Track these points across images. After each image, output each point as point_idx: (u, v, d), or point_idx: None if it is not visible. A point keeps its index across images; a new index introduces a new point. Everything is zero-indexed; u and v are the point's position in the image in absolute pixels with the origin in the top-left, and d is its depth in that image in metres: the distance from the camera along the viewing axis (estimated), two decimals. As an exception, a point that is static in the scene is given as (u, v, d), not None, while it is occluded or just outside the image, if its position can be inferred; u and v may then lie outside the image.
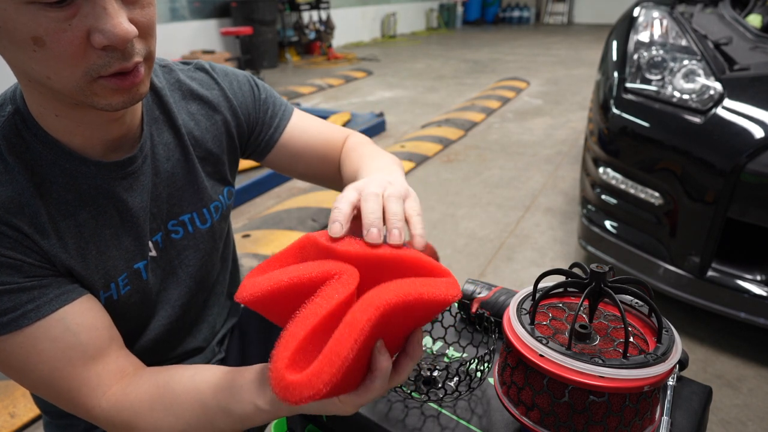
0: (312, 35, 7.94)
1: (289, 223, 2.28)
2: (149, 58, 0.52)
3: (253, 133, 0.77)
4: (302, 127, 0.79)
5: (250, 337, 0.89)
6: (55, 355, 0.52)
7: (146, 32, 0.50)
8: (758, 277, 1.35)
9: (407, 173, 2.98)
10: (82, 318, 0.54)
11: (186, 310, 0.73)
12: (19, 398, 1.41)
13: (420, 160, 3.16)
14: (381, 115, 3.93)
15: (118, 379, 0.55)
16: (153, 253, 0.65)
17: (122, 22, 0.45)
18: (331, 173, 0.82)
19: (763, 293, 1.32)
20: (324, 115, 3.93)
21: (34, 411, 1.37)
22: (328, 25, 7.99)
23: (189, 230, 0.69)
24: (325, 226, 0.50)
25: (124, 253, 0.62)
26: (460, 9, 12.41)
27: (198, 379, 0.54)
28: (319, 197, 2.57)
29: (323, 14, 8.02)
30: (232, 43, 6.85)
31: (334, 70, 6.66)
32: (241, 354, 0.88)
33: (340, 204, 0.50)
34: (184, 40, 6.51)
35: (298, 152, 0.79)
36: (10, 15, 0.42)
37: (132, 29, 0.46)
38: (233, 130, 0.74)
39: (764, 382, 1.35)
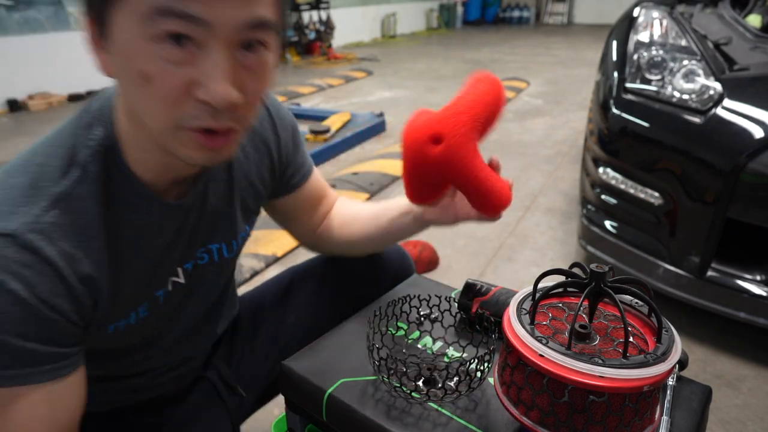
0: (312, 35, 7.93)
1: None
2: (244, 126, 0.51)
3: (287, 177, 0.77)
4: (315, 180, 0.82)
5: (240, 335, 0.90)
6: (23, 420, 0.49)
7: (250, 103, 0.49)
8: (758, 277, 1.35)
9: (407, 173, 2.98)
10: (66, 393, 0.52)
11: (196, 323, 0.74)
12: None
13: (420, 160, 3.16)
14: (381, 115, 3.93)
15: None
16: (181, 279, 0.65)
17: (228, 87, 0.44)
18: (307, 227, 0.85)
19: (763, 293, 1.32)
20: (324, 115, 3.93)
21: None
22: (328, 25, 7.98)
23: (215, 258, 0.69)
24: None
25: (153, 284, 0.61)
26: (460, 9, 12.41)
27: None
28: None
29: (323, 14, 8.01)
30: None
31: (334, 70, 6.66)
32: (229, 351, 0.89)
33: None
34: (184, 40, 6.50)
35: (301, 203, 0.81)
36: (134, 48, 0.43)
37: (236, 96, 0.45)
38: (275, 168, 0.74)
39: (764, 382, 1.35)
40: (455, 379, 0.62)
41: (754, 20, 1.89)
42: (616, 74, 1.67)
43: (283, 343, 0.88)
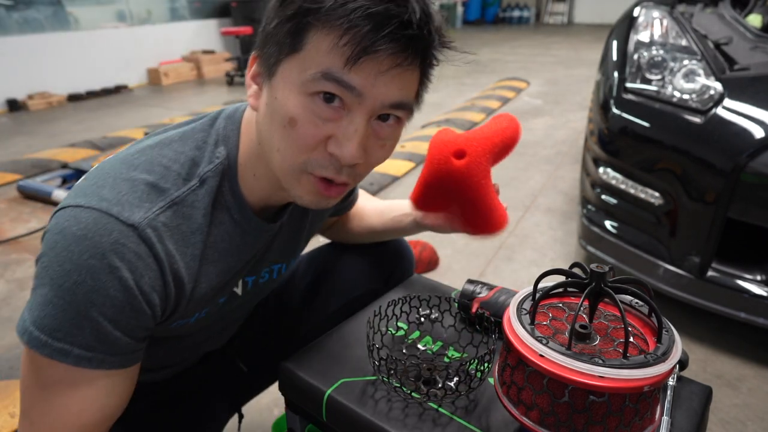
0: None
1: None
2: (356, 183, 0.59)
3: (339, 203, 0.82)
4: (356, 212, 0.90)
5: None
6: (80, 399, 0.51)
7: (371, 164, 0.56)
8: (758, 277, 1.35)
9: (407, 173, 2.99)
10: (123, 383, 0.54)
11: (236, 320, 0.79)
12: (19, 398, 1.41)
13: (420, 160, 3.16)
14: (381, 115, 3.93)
15: None
16: (239, 290, 0.68)
17: (357, 147, 0.50)
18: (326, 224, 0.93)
19: (763, 293, 1.32)
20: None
21: (33, 411, 1.37)
22: (328, 25, 7.97)
23: (273, 276, 0.74)
24: None
25: (222, 292, 0.64)
26: (460, 9, 12.41)
27: None
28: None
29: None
30: (232, 43, 6.85)
31: (334, 70, 6.65)
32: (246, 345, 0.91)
33: None
34: (184, 40, 6.51)
35: (343, 225, 0.91)
36: (290, 95, 0.49)
37: (359, 157, 0.51)
38: None
39: (764, 382, 1.35)
40: (455, 379, 0.62)
41: (755, 20, 1.89)
42: (616, 74, 1.67)
43: (288, 323, 0.90)
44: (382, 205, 0.89)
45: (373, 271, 0.90)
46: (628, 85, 1.60)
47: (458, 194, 0.72)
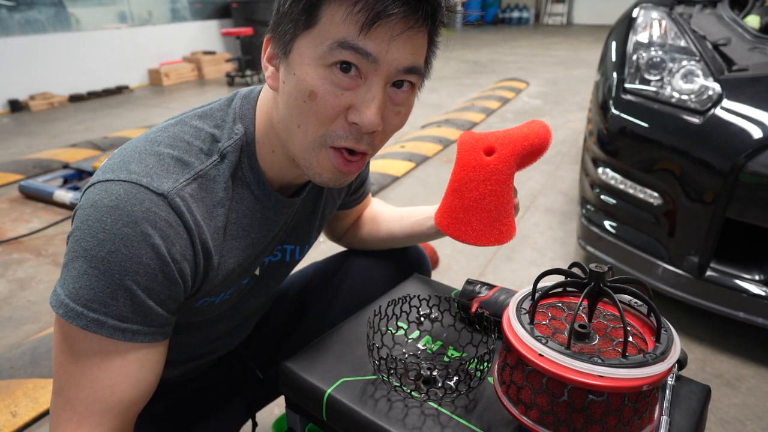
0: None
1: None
2: (374, 153, 0.59)
3: (352, 192, 0.85)
4: (364, 205, 0.90)
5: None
6: (113, 372, 0.52)
7: (388, 132, 0.57)
8: (757, 277, 1.35)
9: (407, 173, 2.99)
10: (154, 357, 0.55)
11: (246, 316, 0.78)
12: (20, 397, 1.41)
13: (420, 160, 3.16)
14: (381, 115, 3.93)
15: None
16: (257, 272, 0.69)
17: (377, 113, 0.52)
18: (341, 229, 0.94)
19: (762, 293, 1.32)
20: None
21: (35, 410, 1.37)
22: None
23: (287, 258, 0.75)
24: None
25: (248, 271, 0.66)
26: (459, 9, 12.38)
27: None
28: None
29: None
30: (233, 44, 6.85)
31: (334, 71, 6.65)
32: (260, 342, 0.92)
33: None
34: (184, 41, 6.51)
35: (344, 217, 0.90)
36: (308, 69, 0.51)
37: (378, 123, 0.53)
38: (352, 182, 0.81)
39: (763, 382, 1.35)
40: (455, 378, 0.62)
41: (753, 21, 1.89)
42: (615, 75, 1.67)
43: (305, 330, 0.90)
44: (402, 210, 0.90)
45: (392, 278, 0.90)
46: (627, 85, 1.60)
47: (485, 191, 0.71)
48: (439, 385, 0.63)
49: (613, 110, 1.59)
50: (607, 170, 1.61)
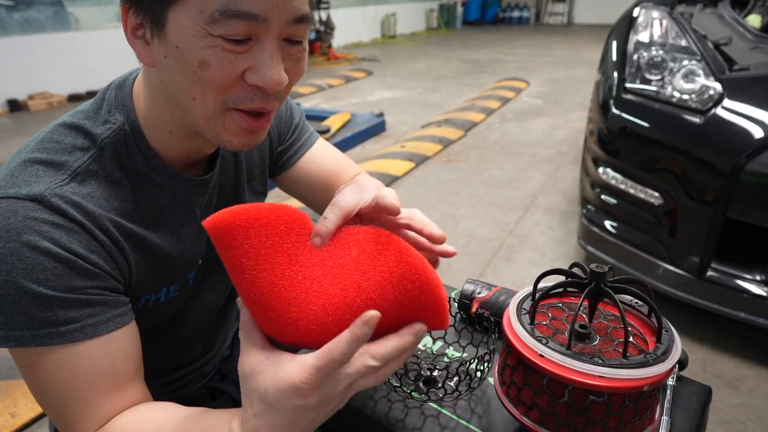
0: (312, 35, 7.94)
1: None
2: (281, 104, 0.56)
3: (279, 152, 0.80)
4: (319, 156, 0.82)
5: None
6: (85, 376, 0.50)
7: (291, 84, 0.54)
8: (758, 277, 1.35)
9: (407, 173, 2.99)
10: (123, 345, 0.53)
11: (212, 315, 0.75)
12: (19, 398, 1.41)
13: (420, 160, 3.16)
14: (381, 115, 3.93)
15: (125, 412, 0.54)
16: (200, 261, 0.67)
17: (280, 72, 0.49)
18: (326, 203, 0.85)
19: (763, 293, 1.32)
20: (324, 116, 3.93)
21: (34, 410, 1.37)
22: (328, 25, 7.98)
23: None
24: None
25: (185, 264, 0.63)
26: (460, 9, 12.41)
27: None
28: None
29: (323, 14, 8.02)
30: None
31: (334, 70, 6.66)
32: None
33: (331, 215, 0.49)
34: (183, 40, 6.51)
35: (307, 178, 0.82)
36: (193, 40, 0.47)
37: (285, 79, 0.50)
38: (273, 145, 0.77)
39: (763, 382, 1.35)
40: (455, 379, 0.62)
41: (754, 20, 1.89)
42: (615, 74, 1.67)
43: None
44: (332, 173, 0.81)
45: None
46: (628, 85, 1.60)
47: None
48: (440, 385, 0.63)
49: (614, 110, 1.59)
50: (608, 170, 1.61)
